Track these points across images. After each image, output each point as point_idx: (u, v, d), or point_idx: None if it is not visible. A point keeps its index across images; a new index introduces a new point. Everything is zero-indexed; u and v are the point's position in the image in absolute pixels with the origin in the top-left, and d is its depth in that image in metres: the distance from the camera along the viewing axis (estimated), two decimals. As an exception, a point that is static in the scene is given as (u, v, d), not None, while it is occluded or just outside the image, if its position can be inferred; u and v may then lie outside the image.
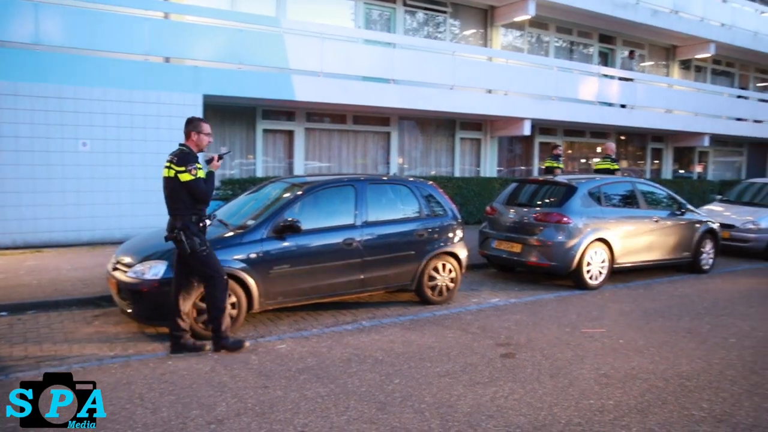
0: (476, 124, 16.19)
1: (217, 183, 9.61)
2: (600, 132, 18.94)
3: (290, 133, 13.52)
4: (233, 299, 5.81)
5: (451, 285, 7.46)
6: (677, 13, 18.71)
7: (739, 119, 21.06)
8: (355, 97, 12.50)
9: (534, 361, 5.28)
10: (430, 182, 7.83)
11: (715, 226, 10.28)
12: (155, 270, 5.66)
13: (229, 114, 12.64)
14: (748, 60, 23.47)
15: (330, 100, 12.19)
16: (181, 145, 5.41)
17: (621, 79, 17.59)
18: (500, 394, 4.50)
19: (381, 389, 4.55)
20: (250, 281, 5.90)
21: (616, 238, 8.64)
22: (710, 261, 10.17)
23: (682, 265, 9.90)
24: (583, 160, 19.51)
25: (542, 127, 17.33)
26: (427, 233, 7.23)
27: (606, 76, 17.39)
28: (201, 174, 5.28)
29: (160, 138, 10.44)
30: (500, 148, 17.04)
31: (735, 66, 23.82)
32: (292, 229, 6.16)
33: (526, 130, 15.21)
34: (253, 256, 5.96)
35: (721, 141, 22.47)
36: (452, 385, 4.67)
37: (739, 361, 5.40)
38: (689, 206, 10.12)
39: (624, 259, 8.82)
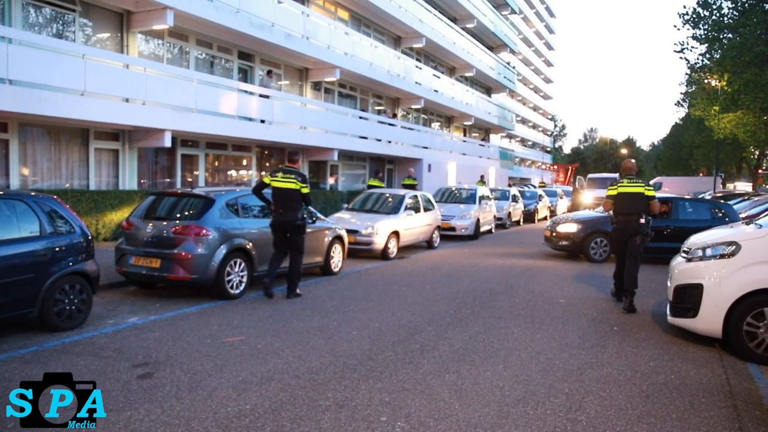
0: (113, 134, 15.16)
1: None
2: (242, 145, 19.55)
3: None
4: None
5: (83, 307, 6.85)
6: (308, 39, 20.40)
7: (362, 137, 23.94)
8: (-44, 97, 10.57)
9: (173, 377, 5.18)
10: (54, 197, 7.08)
11: (343, 232, 11.50)
12: None
13: None
14: (367, 86, 26.87)
15: None
16: (293, 166, 9.00)
17: (260, 96, 18.43)
18: (135, 417, 4.29)
19: (-10, 437, 3.96)
20: None
21: (255, 248, 9.01)
22: (339, 263, 11.33)
23: (316, 268, 10.83)
24: (230, 172, 19.91)
25: (184, 139, 17.09)
26: (51, 253, 6.50)
27: (246, 92, 18.01)
28: None
29: None
30: (143, 159, 16.23)
31: (357, 90, 27.02)
32: None
33: (167, 142, 14.82)
34: None
35: (348, 156, 25.23)
36: (81, 417, 4.30)
37: (359, 351, 6.13)
38: (320, 215, 11.12)
39: (264, 267, 9.24)
